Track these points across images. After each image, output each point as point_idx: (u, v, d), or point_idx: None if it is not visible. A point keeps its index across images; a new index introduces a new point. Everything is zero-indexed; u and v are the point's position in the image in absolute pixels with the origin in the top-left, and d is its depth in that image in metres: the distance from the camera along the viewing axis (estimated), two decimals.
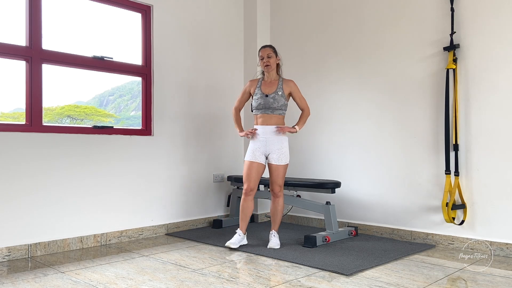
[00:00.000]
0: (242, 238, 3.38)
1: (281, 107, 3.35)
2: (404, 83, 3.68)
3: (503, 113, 3.16)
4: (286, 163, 3.37)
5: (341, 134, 4.10)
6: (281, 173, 3.36)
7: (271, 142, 3.34)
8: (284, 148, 3.36)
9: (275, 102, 3.32)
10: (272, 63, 3.37)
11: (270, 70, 3.39)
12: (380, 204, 3.82)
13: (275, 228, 3.41)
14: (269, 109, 3.34)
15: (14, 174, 3.07)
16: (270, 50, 3.37)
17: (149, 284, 2.46)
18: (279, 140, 3.35)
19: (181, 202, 4.11)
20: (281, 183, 3.38)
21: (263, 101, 3.34)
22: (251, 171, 3.35)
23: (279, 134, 3.36)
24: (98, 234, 3.49)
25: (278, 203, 3.41)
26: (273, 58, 3.37)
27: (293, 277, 2.58)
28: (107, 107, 3.98)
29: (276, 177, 3.36)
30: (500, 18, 3.18)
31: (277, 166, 3.35)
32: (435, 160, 3.49)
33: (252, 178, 3.35)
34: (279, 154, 3.34)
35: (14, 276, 2.63)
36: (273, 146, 3.34)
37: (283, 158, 3.35)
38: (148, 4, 3.90)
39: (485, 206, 3.24)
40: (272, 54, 3.36)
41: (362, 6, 3.96)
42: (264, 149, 3.36)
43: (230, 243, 3.31)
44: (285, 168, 3.38)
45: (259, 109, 3.38)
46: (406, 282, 2.50)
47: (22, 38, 3.20)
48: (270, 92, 3.36)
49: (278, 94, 3.33)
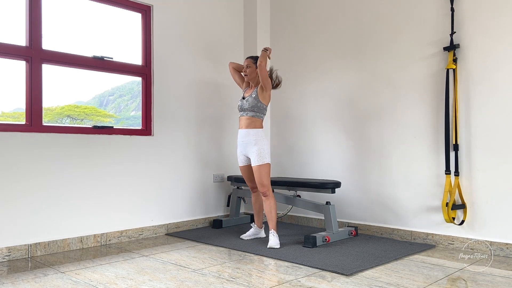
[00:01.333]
0: (257, 232, 3.67)
1: (253, 108, 3.45)
2: (404, 83, 3.68)
3: (503, 113, 3.16)
4: (265, 163, 3.41)
5: (341, 134, 4.10)
6: (262, 172, 3.40)
7: (248, 145, 3.48)
8: (261, 149, 3.42)
9: (247, 103, 3.48)
10: (250, 73, 3.54)
11: (248, 79, 3.59)
12: (380, 204, 3.82)
13: (273, 227, 3.41)
14: (244, 110, 3.52)
15: (14, 174, 3.07)
16: (250, 61, 3.55)
17: (149, 284, 2.46)
18: (255, 142, 3.44)
19: (181, 202, 4.11)
20: (265, 182, 3.41)
21: (240, 103, 3.56)
22: (245, 174, 3.64)
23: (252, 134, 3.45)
24: (98, 234, 3.49)
25: (269, 203, 3.44)
26: (251, 68, 3.53)
27: (293, 277, 2.58)
28: (107, 107, 3.98)
29: (259, 178, 3.41)
30: (500, 18, 3.18)
31: (258, 167, 3.41)
32: (435, 160, 3.49)
33: (250, 179, 3.65)
34: (256, 154, 3.42)
35: (14, 276, 2.63)
36: (250, 148, 3.47)
37: (261, 158, 3.41)
38: (148, 4, 3.90)
39: (485, 206, 3.24)
40: (251, 64, 3.54)
41: (362, 7, 3.96)
42: (244, 152, 3.54)
43: (244, 236, 3.64)
44: (266, 168, 3.41)
45: (239, 112, 3.59)
46: (406, 282, 2.50)
47: (22, 38, 3.20)
48: (247, 95, 3.57)
49: (252, 97, 3.48)
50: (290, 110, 4.53)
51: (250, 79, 3.57)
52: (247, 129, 3.48)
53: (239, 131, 3.55)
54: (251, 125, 3.48)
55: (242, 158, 3.58)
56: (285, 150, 4.58)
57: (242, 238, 3.63)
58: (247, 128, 3.48)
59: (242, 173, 3.65)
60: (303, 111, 4.41)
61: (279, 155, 4.63)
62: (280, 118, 4.63)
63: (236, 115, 4.63)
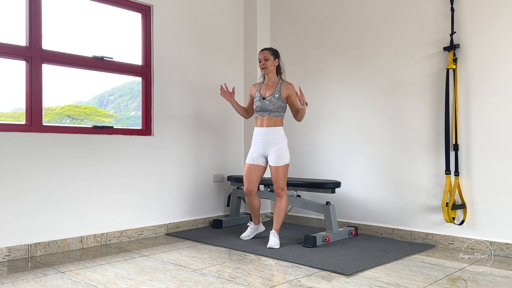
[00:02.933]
0: (254, 229, 3.65)
1: (277, 109, 3.39)
2: (404, 83, 3.68)
3: (503, 113, 3.16)
4: (285, 164, 3.37)
5: (341, 134, 4.10)
6: (280, 173, 3.36)
7: (269, 144, 3.39)
8: (282, 149, 3.37)
9: (271, 104, 3.37)
10: (269, 66, 3.41)
11: (268, 72, 3.44)
12: (380, 204, 3.82)
13: (276, 228, 3.41)
14: (266, 111, 3.40)
15: (14, 174, 3.07)
16: (267, 52, 3.43)
17: (149, 284, 2.47)
18: (276, 141, 3.38)
19: (181, 202, 4.11)
20: (281, 184, 3.38)
21: (261, 103, 3.41)
22: (249, 173, 3.46)
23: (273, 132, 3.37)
24: (98, 234, 3.49)
25: (281, 203, 3.42)
26: (270, 61, 3.41)
27: (293, 277, 2.58)
28: (107, 107, 3.98)
29: (276, 178, 3.38)
30: (500, 18, 3.18)
31: (275, 168, 3.37)
32: (435, 160, 3.49)
33: (250, 180, 3.46)
34: (276, 155, 3.36)
35: (14, 276, 2.63)
36: (271, 147, 3.38)
37: (281, 159, 3.36)
38: (148, 4, 3.90)
39: (485, 206, 3.24)
40: (269, 56, 3.41)
41: (362, 7, 3.96)
42: (262, 151, 3.43)
43: (243, 236, 3.60)
44: (284, 169, 3.38)
45: (257, 112, 3.46)
46: (406, 282, 2.50)
47: (22, 38, 3.20)
48: (268, 94, 3.42)
49: (275, 97, 3.38)
50: (290, 109, 4.53)
51: (268, 73, 3.44)
52: (268, 127, 3.39)
53: (257, 129, 3.45)
54: (272, 123, 3.40)
55: (256, 156, 3.44)
56: None
57: (242, 238, 3.61)
58: (268, 126, 3.40)
59: (247, 172, 3.47)
60: None
61: None
62: None
63: (236, 115, 4.63)
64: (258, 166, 3.45)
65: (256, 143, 3.45)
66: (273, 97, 3.38)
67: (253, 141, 3.49)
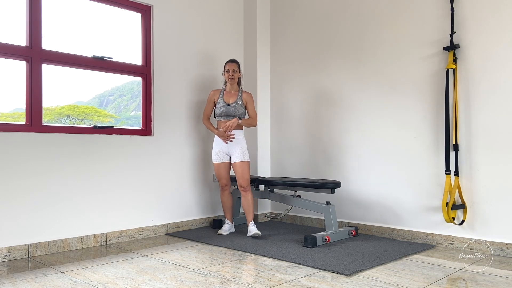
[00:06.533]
0: (231, 227, 3.91)
1: (241, 115, 3.83)
2: (404, 83, 3.68)
3: (503, 113, 3.16)
4: (248, 160, 3.81)
5: (341, 134, 4.10)
6: (246, 169, 3.77)
7: (233, 144, 3.80)
8: (244, 148, 3.82)
9: (236, 110, 3.80)
10: (236, 77, 3.86)
11: (233, 83, 3.86)
12: (380, 204, 3.82)
13: (251, 219, 3.78)
14: (230, 116, 3.80)
15: (14, 174, 3.07)
16: (236, 65, 3.86)
17: (149, 284, 2.47)
18: (239, 141, 3.80)
19: (181, 202, 4.11)
20: (247, 177, 3.77)
21: (225, 109, 3.79)
22: (220, 171, 3.85)
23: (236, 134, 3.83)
24: (98, 234, 3.49)
25: (248, 197, 3.79)
26: (237, 73, 3.86)
27: (293, 277, 2.58)
28: (107, 107, 3.98)
29: (242, 173, 3.76)
30: (500, 18, 3.18)
31: (241, 163, 3.76)
32: (435, 160, 3.49)
33: (223, 176, 3.86)
34: (241, 152, 3.78)
35: (14, 276, 2.63)
36: (235, 147, 3.79)
37: (245, 156, 3.79)
38: (148, 4, 3.90)
39: (485, 206, 3.24)
40: (237, 69, 3.86)
41: (362, 7, 3.96)
42: (226, 150, 3.82)
43: (222, 231, 3.84)
44: (247, 165, 3.79)
45: (221, 116, 3.82)
46: (406, 282, 2.50)
47: (22, 38, 3.20)
48: (231, 101, 3.83)
49: (238, 104, 3.82)
50: (290, 110, 4.53)
51: (233, 83, 3.85)
52: (234, 130, 3.80)
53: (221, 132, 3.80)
54: (237, 127, 3.83)
55: (221, 155, 3.82)
56: (285, 150, 4.58)
57: (221, 234, 3.83)
58: (234, 129, 3.81)
59: (217, 170, 3.84)
60: (303, 111, 4.41)
61: (279, 155, 4.63)
62: (280, 118, 4.63)
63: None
64: (226, 163, 3.84)
65: (220, 144, 3.83)
66: (236, 104, 3.81)
67: (217, 142, 3.84)
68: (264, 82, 4.68)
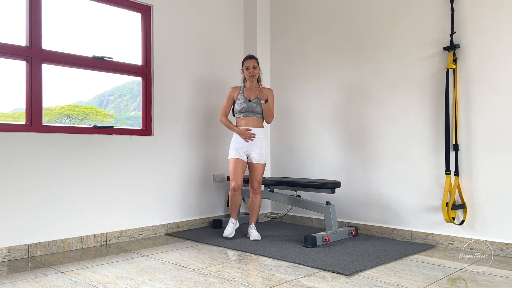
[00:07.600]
0: (235, 225, 3.77)
1: (261, 111, 3.70)
2: (404, 83, 3.68)
3: (503, 113, 3.16)
4: (265, 162, 3.71)
5: (341, 134, 4.10)
6: (261, 171, 3.69)
7: (253, 143, 3.68)
8: (264, 148, 3.70)
9: (257, 106, 3.68)
10: (256, 74, 3.73)
11: (254, 80, 3.75)
12: (380, 204, 3.82)
13: (254, 221, 3.72)
14: (252, 112, 3.68)
15: (14, 174, 3.07)
16: (255, 61, 3.73)
17: (149, 284, 2.47)
18: (259, 141, 3.69)
19: (181, 202, 4.11)
20: (260, 180, 3.70)
21: (246, 105, 3.68)
22: (237, 167, 3.65)
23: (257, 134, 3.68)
24: (98, 234, 3.49)
25: (257, 199, 3.72)
26: (257, 69, 3.72)
27: (293, 277, 2.58)
28: (107, 107, 3.98)
29: (257, 175, 3.68)
30: (500, 18, 3.18)
31: (258, 165, 3.67)
32: (435, 160, 3.49)
33: (238, 175, 3.65)
34: (259, 153, 3.67)
35: (14, 276, 2.63)
36: (254, 146, 3.67)
37: (263, 158, 3.69)
38: (148, 4, 3.90)
39: (485, 206, 3.24)
40: (256, 65, 3.73)
41: (362, 7, 3.96)
42: (246, 149, 3.69)
43: (228, 234, 3.66)
44: (264, 167, 3.70)
45: (242, 112, 3.71)
46: (406, 282, 2.50)
47: (22, 38, 3.20)
48: (253, 97, 3.72)
49: (259, 99, 3.68)
50: (290, 110, 4.53)
51: (254, 80, 3.73)
52: (255, 128, 3.68)
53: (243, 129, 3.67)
54: (258, 125, 3.71)
55: (240, 153, 3.67)
56: (285, 150, 4.58)
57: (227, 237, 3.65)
58: (253, 127, 3.68)
59: (234, 166, 3.64)
60: (303, 111, 4.41)
61: (279, 155, 4.63)
62: (280, 118, 4.63)
63: None
64: (243, 161, 3.68)
65: (241, 141, 3.69)
66: (258, 100, 3.69)
67: (236, 140, 3.69)
68: (264, 82, 4.68)
